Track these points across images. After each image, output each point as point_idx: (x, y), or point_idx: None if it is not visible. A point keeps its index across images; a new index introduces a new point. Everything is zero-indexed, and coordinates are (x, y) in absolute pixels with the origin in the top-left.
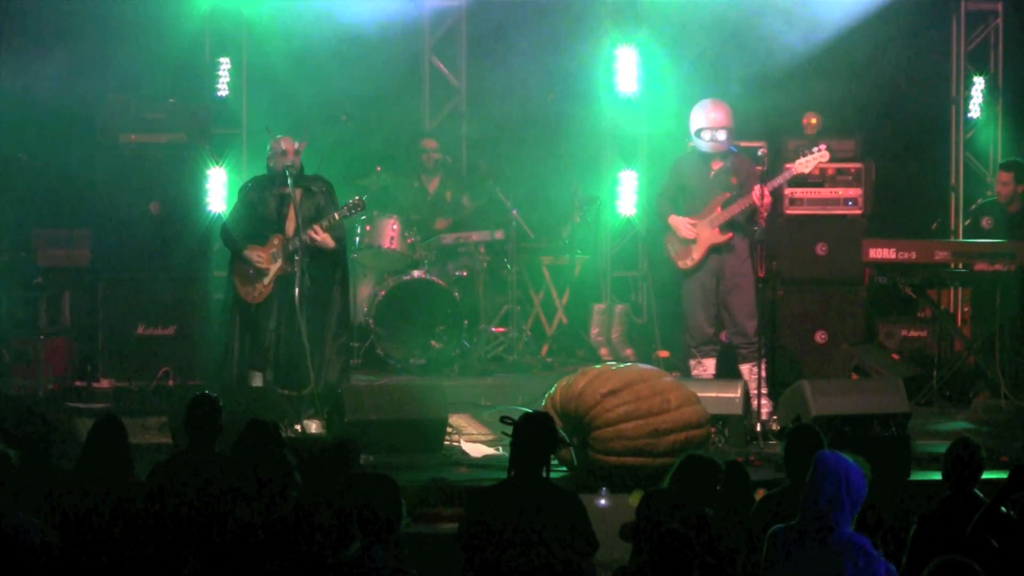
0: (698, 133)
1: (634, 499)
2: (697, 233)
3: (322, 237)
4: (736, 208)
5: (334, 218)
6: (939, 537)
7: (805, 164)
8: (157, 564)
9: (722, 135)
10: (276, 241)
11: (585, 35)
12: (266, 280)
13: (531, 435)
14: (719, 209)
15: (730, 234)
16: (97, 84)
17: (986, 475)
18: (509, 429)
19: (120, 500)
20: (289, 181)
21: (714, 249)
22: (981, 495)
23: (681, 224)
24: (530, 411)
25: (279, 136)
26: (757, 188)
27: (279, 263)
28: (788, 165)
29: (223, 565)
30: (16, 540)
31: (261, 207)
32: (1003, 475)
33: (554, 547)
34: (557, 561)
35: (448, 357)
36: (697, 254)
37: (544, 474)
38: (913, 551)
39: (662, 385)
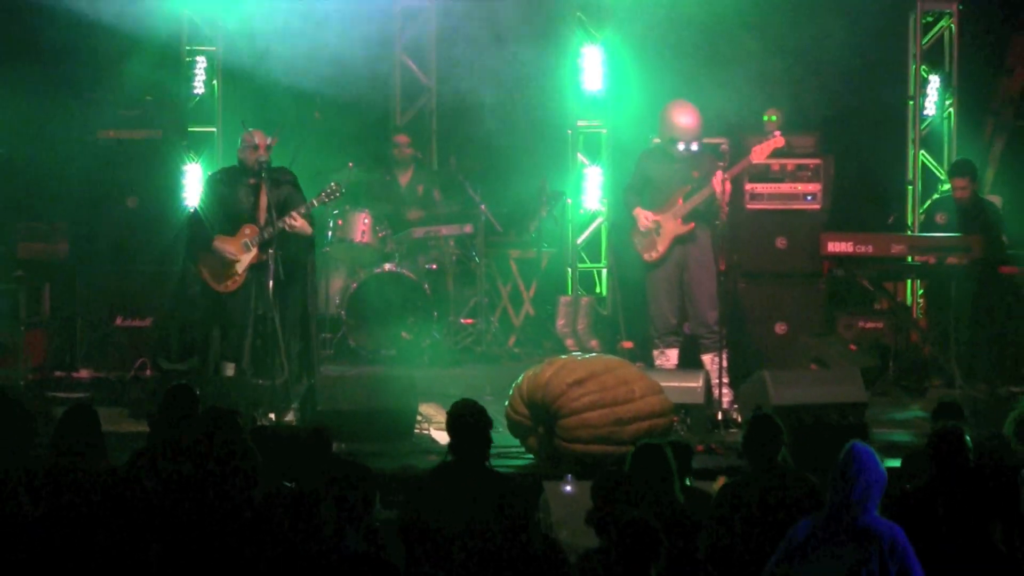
0: (672, 142)
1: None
2: (661, 225)
3: (300, 223)
4: (698, 198)
5: (312, 204)
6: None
7: (761, 151)
8: (126, 549)
9: (694, 146)
10: (247, 231)
11: (552, 35)
12: (240, 269)
13: (470, 422)
14: (681, 201)
15: (692, 224)
16: (75, 82)
17: None
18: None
19: (92, 485)
20: (263, 175)
21: (678, 240)
22: None
23: (640, 216)
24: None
25: (252, 130)
26: (718, 174)
27: (252, 252)
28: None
29: (198, 551)
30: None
31: (231, 198)
32: None
33: (496, 532)
34: (501, 546)
35: (418, 348)
36: (662, 246)
37: (486, 460)
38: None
39: (626, 375)
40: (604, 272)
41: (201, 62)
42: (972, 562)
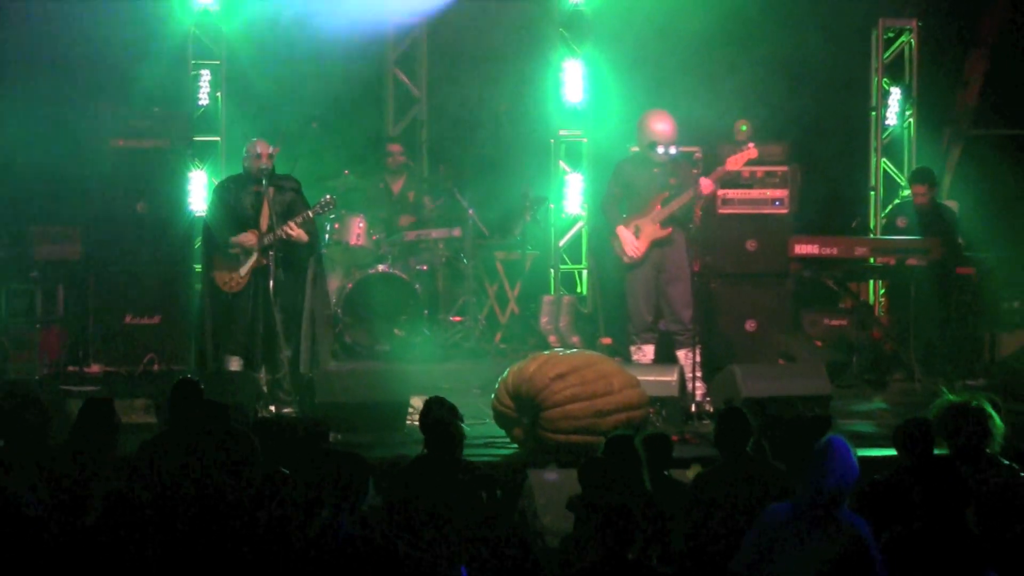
0: (651, 146)
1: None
2: (640, 229)
3: (296, 233)
4: (675, 204)
5: (308, 215)
6: (891, 505)
7: (735, 160)
8: (130, 536)
9: (672, 149)
10: (251, 235)
11: (536, 50)
12: (242, 271)
13: (436, 418)
14: (659, 207)
15: (670, 229)
16: (88, 94)
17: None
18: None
19: (106, 474)
20: (264, 182)
21: (656, 244)
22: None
23: (628, 243)
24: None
25: (256, 139)
26: (704, 180)
27: (254, 256)
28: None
29: (196, 536)
30: (11, 512)
31: (237, 204)
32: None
33: (468, 517)
34: (471, 529)
35: (410, 344)
36: (641, 248)
37: (457, 452)
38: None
39: (606, 369)
40: (585, 273)
41: (206, 75)
42: (947, 548)
